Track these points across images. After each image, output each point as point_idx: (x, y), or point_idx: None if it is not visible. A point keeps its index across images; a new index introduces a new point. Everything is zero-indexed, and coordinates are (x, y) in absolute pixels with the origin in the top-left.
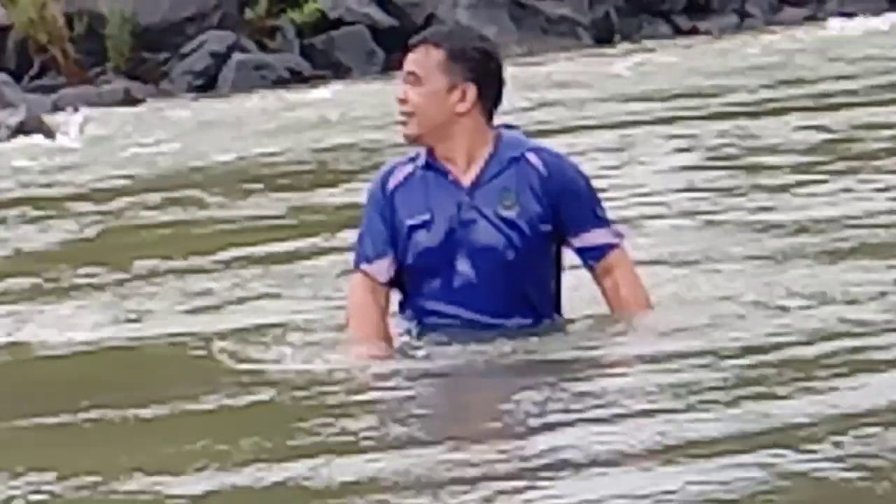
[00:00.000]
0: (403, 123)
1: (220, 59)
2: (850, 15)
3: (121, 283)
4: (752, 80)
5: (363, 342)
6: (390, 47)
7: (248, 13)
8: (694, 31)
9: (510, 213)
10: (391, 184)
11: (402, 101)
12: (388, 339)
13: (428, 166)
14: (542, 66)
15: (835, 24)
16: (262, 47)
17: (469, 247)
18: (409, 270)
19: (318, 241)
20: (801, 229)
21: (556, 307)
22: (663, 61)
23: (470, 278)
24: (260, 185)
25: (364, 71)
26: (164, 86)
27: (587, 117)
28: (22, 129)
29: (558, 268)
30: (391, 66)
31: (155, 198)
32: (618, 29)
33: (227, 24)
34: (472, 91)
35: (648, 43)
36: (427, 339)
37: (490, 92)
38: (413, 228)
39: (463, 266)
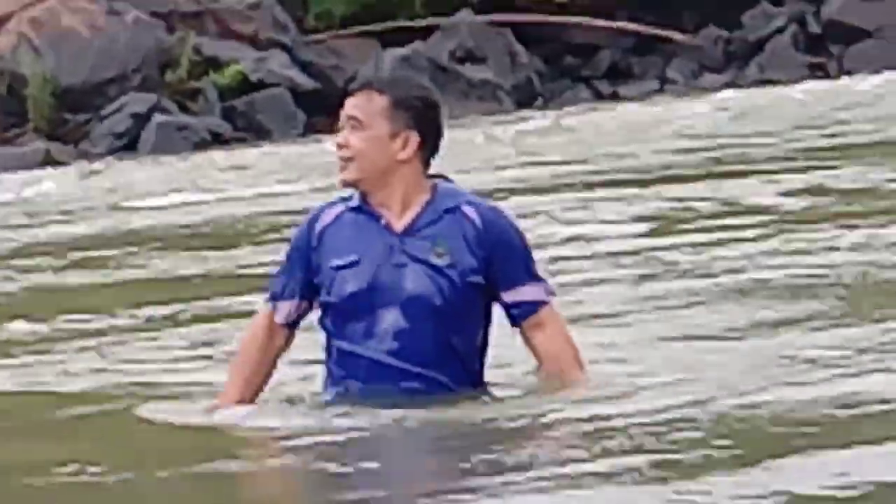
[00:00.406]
0: (342, 168)
1: (142, 120)
2: (771, 82)
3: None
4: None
5: (227, 399)
6: (311, 110)
7: (170, 75)
8: (615, 97)
9: (441, 262)
10: (319, 224)
11: (342, 146)
12: (263, 380)
13: (359, 208)
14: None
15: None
16: (184, 109)
17: (396, 292)
18: (333, 311)
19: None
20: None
21: (481, 366)
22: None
23: (395, 324)
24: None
25: (285, 133)
26: (84, 146)
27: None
28: None
29: (487, 323)
30: (312, 128)
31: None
32: (539, 93)
33: (149, 85)
34: (414, 139)
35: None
36: (345, 400)
37: (431, 141)
38: (339, 268)
39: (389, 311)
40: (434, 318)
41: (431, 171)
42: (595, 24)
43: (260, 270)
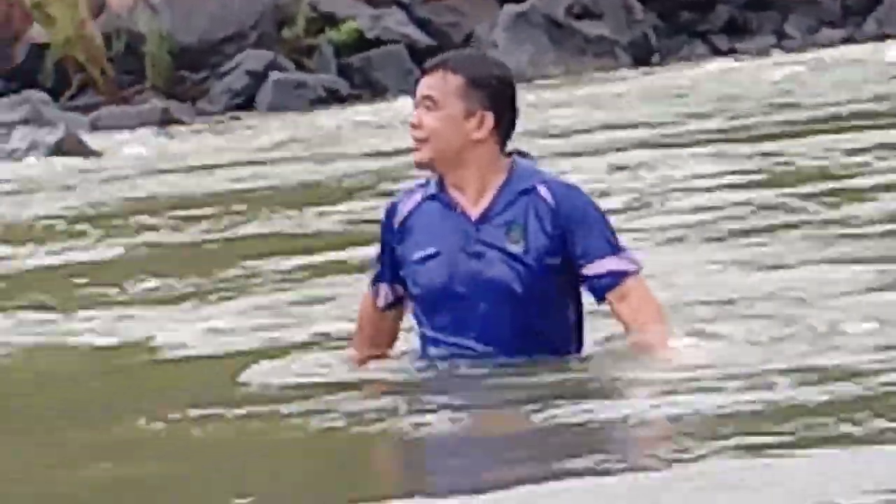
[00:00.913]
0: (416, 149)
1: (258, 78)
2: (889, 37)
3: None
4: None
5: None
6: None
7: (286, 32)
8: (732, 52)
9: (517, 248)
10: (399, 215)
11: (416, 126)
12: (388, 345)
13: (436, 196)
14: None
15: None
16: (300, 66)
17: (476, 280)
18: (418, 301)
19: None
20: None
21: (578, 342)
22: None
23: (478, 312)
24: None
25: (401, 90)
26: (201, 105)
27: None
28: (60, 148)
29: (578, 300)
30: None
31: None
32: (656, 49)
33: (265, 43)
34: (489, 119)
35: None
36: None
37: (506, 121)
38: (420, 261)
39: (471, 299)
40: (516, 304)
41: (510, 147)
42: None
43: None
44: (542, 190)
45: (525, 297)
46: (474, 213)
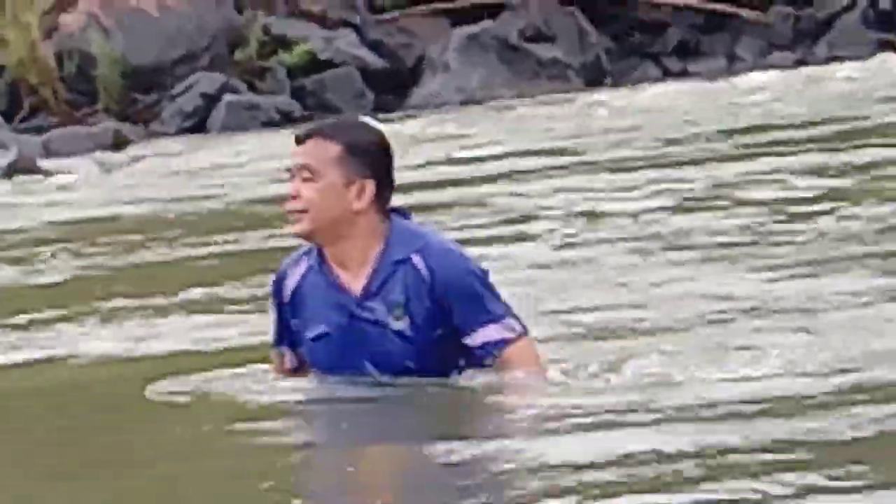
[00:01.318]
0: (295, 221)
1: (211, 100)
2: (838, 59)
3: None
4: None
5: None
6: (380, 89)
7: (239, 54)
8: (684, 74)
9: (401, 325)
10: (287, 289)
11: (294, 198)
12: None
13: (318, 269)
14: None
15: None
16: (253, 88)
17: (369, 355)
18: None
19: None
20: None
21: None
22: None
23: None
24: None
25: (353, 112)
26: (154, 127)
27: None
28: (13, 170)
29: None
30: (380, 107)
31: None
32: (608, 71)
33: (218, 65)
34: (370, 187)
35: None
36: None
37: (387, 188)
38: (312, 339)
39: (368, 375)
40: (412, 374)
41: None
42: (664, 0)
43: None
44: (417, 260)
45: (421, 368)
46: (356, 288)
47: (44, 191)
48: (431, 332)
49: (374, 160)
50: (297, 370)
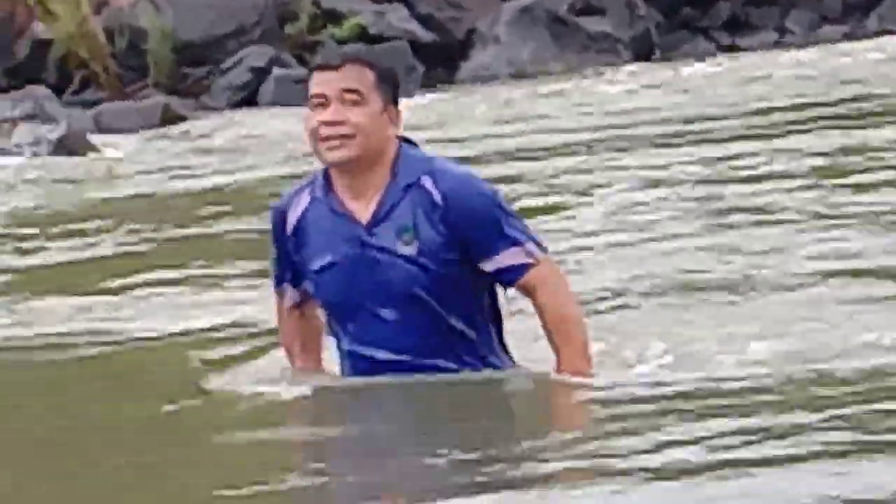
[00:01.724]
0: (335, 147)
1: (261, 73)
2: (890, 32)
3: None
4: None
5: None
6: (430, 63)
7: (289, 28)
8: (734, 48)
9: (409, 250)
10: (291, 220)
11: (338, 123)
12: (318, 342)
13: (324, 199)
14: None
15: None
16: (303, 62)
17: (377, 286)
18: (325, 310)
19: None
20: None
21: (499, 332)
22: None
23: (384, 320)
24: None
25: (404, 85)
26: (204, 101)
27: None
28: (63, 144)
29: (492, 292)
30: (430, 81)
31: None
32: (658, 45)
33: (268, 39)
34: (397, 114)
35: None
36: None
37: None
38: (318, 272)
39: (374, 308)
40: (420, 306)
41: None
42: None
43: None
44: (428, 184)
45: (430, 297)
46: (364, 216)
47: (93, 165)
48: (442, 256)
49: (396, 87)
50: (299, 306)
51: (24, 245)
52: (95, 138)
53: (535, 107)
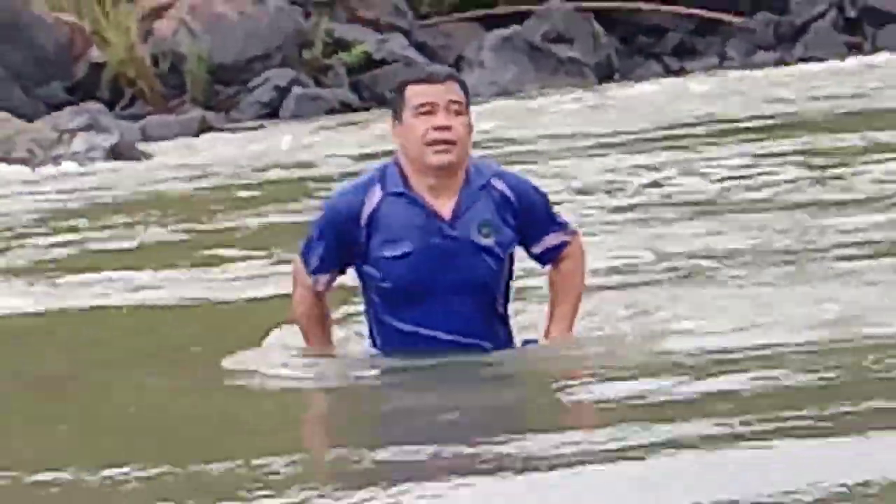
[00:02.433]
0: (444, 151)
1: (283, 92)
2: (816, 59)
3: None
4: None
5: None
6: None
7: (306, 54)
8: (681, 71)
9: (488, 241)
10: (364, 212)
11: (448, 129)
12: (330, 325)
13: (402, 194)
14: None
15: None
16: (318, 83)
17: (451, 277)
18: (387, 294)
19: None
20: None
21: (506, 310)
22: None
23: (449, 305)
24: None
25: None
26: (234, 114)
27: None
28: (115, 151)
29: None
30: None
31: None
32: (617, 69)
33: (288, 62)
34: (472, 129)
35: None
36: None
37: None
38: (392, 259)
39: (443, 294)
40: (484, 294)
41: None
42: (664, 8)
43: None
44: (499, 184)
45: (493, 286)
46: (445, 211)
47: (141, 168)
48: (510, 247)
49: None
50: (322, 292)
51: (90, 234)
52: (142, 145)
53: (513, 122)
